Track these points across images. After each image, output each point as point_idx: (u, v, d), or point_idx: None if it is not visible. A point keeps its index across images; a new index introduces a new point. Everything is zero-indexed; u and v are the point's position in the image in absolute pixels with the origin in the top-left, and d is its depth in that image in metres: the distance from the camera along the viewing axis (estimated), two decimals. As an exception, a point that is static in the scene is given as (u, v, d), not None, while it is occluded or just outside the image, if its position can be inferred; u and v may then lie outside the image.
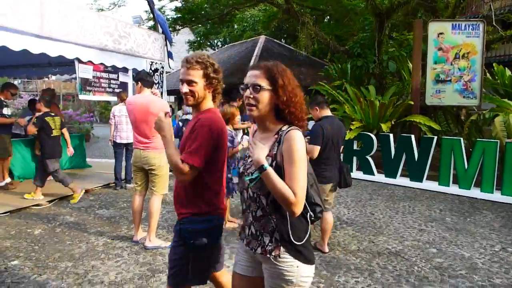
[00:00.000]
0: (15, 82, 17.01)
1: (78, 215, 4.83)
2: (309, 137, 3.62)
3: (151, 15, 9.08)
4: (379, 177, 7.25)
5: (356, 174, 7.39)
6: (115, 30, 5.77)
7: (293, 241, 1.54)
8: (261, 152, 1.52)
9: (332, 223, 3.81)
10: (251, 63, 15.57)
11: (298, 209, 1.48)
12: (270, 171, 1.48)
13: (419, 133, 7.67)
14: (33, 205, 5.12)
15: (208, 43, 26.06)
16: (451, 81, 7.50)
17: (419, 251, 3.83)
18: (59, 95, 21.34)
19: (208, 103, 1.97)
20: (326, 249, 3.75)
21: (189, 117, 4.96)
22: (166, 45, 7.13)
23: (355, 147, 7.62)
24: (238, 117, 4.51)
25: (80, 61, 5.40)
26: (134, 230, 3.98)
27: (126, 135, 6.13)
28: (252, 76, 1.59)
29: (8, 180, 5.99)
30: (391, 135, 7.21)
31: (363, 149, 7.49)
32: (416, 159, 6.77)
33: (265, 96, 1.55)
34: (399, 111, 7.99)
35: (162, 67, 7.10)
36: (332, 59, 13.53)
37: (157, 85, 6.83)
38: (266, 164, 1.49)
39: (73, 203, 5.31)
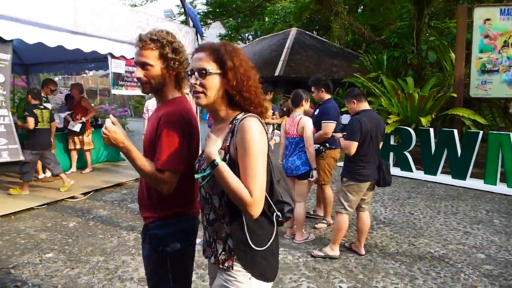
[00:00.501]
0: (56, 78, 17.79)
1: (110, 208, 4.90)
2: (344, 132, 3.43)
3: (182, 9, 9.10)
4: (418, 174, 6.87)
5: (393, 170, 6.99)
6: (146, 25, 5.77)
7: (253, 246, 1.34)
8: (213, 146, 1.30)
9: (369, 224, 3.58)
10: (283, 56, 15.26)
11: (256, 211, 1.27)
12: (223, 167, 1.27)
13: (462, 127, 7.19)
14: (68, 198, 5.26)
15: (239, 37, 26.03)
16: (498, 71, 6.95)
17: (465, 256, 3.53)
18: (96, 90, 22.13)
19: (173, 91, 1.65)
20: (363, 251, 3.55)
21: None
22: (197, 39, 7.09)
23: (392, 142, 7.27)
24: (270, 112, 4.38)
25: (113, 56, 5.44)
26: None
27: (158, 129, 6.14)
28: (197, 59, 1.36)
29: (48, 174, 6.18)
30: (431, 130, 6.80)
31: (401, 144, 7.12)
32: (459, 155, 6.33)
33: (213, 81, 1.34)
34: (440, 104, 7.52)
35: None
36: (367, 50, 13.07)
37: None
38: (218, 159, 1.27)
39: (12, 192, 5.27)
